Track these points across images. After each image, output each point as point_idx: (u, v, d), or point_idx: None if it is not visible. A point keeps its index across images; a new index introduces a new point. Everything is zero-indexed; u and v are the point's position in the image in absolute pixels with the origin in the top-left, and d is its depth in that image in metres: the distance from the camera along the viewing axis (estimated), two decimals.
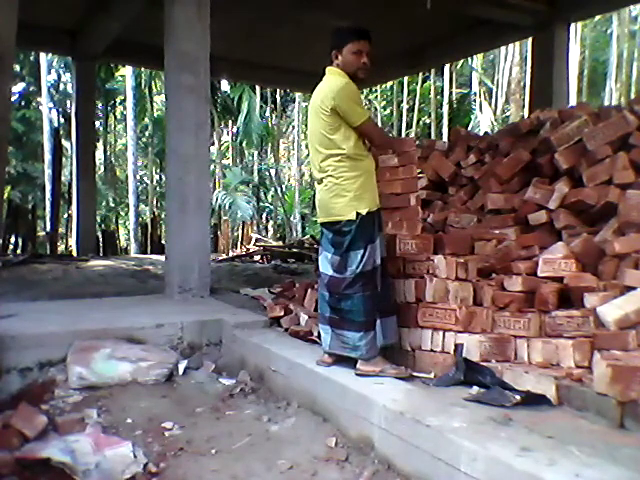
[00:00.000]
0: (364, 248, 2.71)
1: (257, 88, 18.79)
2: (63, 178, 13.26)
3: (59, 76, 17.78)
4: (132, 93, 16.12)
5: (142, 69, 16.27)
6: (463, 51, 10.20)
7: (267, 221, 22.58)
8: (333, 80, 2.80)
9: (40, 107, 16.63)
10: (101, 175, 19.89)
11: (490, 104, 18.23)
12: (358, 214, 2.72)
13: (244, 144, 20.64)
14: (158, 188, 21.13)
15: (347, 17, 8.16)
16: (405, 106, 19.36)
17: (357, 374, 2.67)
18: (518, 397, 2.24)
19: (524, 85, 14.43)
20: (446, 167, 4.61)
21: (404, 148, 3.26)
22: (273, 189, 21.58)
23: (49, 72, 16.22)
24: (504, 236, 3.52)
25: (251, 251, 10.81)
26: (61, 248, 16.41)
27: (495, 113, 18.04)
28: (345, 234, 2.74)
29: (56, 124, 16.44)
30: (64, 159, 14.33)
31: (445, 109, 18.25)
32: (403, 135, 18.73)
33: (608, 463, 1.72)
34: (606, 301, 2.58)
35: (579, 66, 17.29)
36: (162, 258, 6.15)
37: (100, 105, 18.82)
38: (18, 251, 15.18)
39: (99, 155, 19.47)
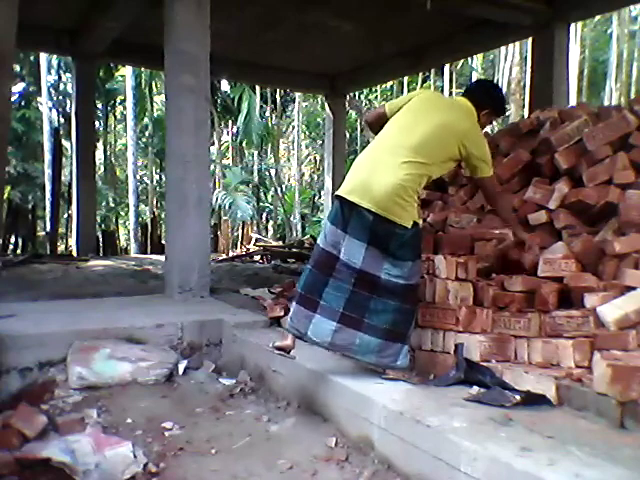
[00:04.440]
0: (413, 260, 2.65)
1: (257, 88, 18.78)
2: (63, 178, 13.25)
3: (59, 76, 17.75)
4: (132, 93, 16.11)
5: (142, 69, 16.26)
6: (463, 51, 10.20)
7: (267, 221, 22.57)
8: (476, 126, 2.86)
9: (40, 107, 16.62)
10: (101, 175, 19.88)
11: None
12: (415, 223, 2.65)
13: (244, 144, 20.64)
14: (158, 188, 21.12)
15: (347, 17, 8.22)
16: None
17: (384, 378, 2.62)
18: (518, 397, 2.24)
19: (524, 85, 14.44)
20: None
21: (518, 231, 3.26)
22: (273, 189, 21.58)
23: (49, 72, 16.20)
24: (504, 236, 3.52)
25: (251, 251, 10.81)
26: (61, 248, 16.40)
27: None
28: (393, 237, 2.60)
29: (56, 124, 16.42)
30: (64, 159, 14.31)
31: None
32: None
33: (608, 463, 1.71)
34: (606, 301, 2.57)
35: (579, 66, 17.29)
36: (162, 258, 6.14)
37: (100, 105, 18.79)
38: (18, 251, 15.18)
39: (99, 155, 19.44)
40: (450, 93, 18.66)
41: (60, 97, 17.70)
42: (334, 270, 2.67)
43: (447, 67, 17.66)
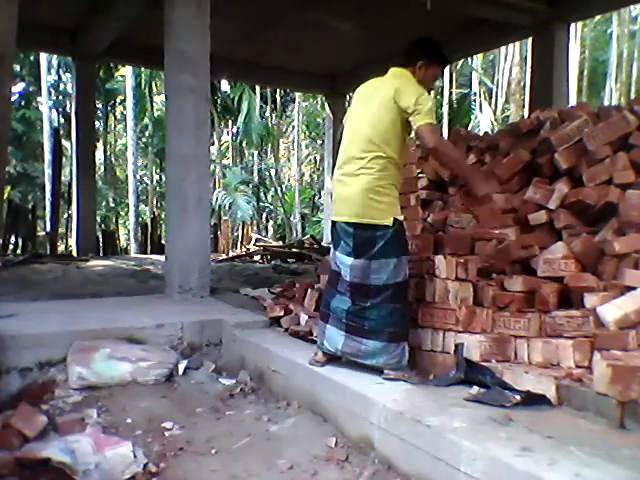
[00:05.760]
0: (397, 258, 2.65)
1: (257, 88, 18.79)
2: (63, 178, 13.25)
3: (59, 76, 17.76)
4: (132, 93, 16.11)
5: (142, 69, 16.27)
6: (463, 51, 10.21)
7: (267, 221, 22.57)
8: (412, 82, 2.72)
9: (40, 107, 16.62)
10: (101, 175, 19.88)
11: (490, 104, 18.23)
12: (396, 220, 2.66)
13: (244, 144, 20.64)
14: (158, 188, 21.13)
15: (347, 17, 8.22)
16: None
17: (385, 378, 2.63)
18: (518, 397, 2.24)
19: (524, 85, 14.43)
20: None
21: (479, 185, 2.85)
22: (273, 189, 21.58)
23: (49, 72, 16.20)
24: (504, 236, 3.52)
25: (251, 251, 10.81)
26: (61, 248, 16.40)
27: (495, 113, 18.05)
28: (377, 239, 2.63)
29: (56, 124, 16.42)
30: (64, 159, 14.32)
31: (445, 109, 18.25)
32: None
33: (608, 463, 1.71)
34: (606, 301, 2.58)
35: (579, 66, 17.28)
36: (162, 258, 6.15)
37: (100, 105, 18.80)
38: (18, 251, 15.17)
39: (99, 155, 19.44)
40: (450, 93, 18.69)
41: (60, 97, 17.70)
42: (338, 284, 2.83)
43: (447, 67, 17.64)
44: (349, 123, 2.89)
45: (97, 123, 17.80)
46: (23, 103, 16.44)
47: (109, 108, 20.67)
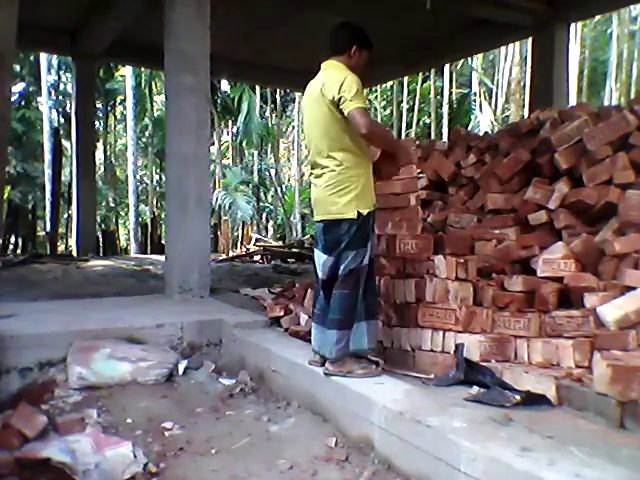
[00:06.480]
0: (357, 250, 2.64)
1: (257, 88, 18.80)
2: (63, 178, 13.25)
3: (59, 76, 17.77)
4: (132, 93, 16.12)
5: (142, 69, 16.27)
6: (463, 51, 10.21)
7: (267, 221, 22.57)
8: (337, 70, 2.70)
9: (40, 107, 16.62)
10: (101, 175, 19.87)
11: (490, 104, 18.22)
12: (360, 214, 2.64)
13: (244, 144, 20.64)
14: (158, 188, 21.12)
15: (347, 17, 8.21)
16: (405, 106, 19.37)
17: (325, 373, 2.64)
18: (518, 397, 2.24)
19: (524, 85, 14.43)
20: (446, 167, 4.61)
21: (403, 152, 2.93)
22: (273, 189, 21.58)
23: (49, 72, 16.19)
24: (504, 236, 3.52)
25: (251, 251, 10.82)
26: (61, 248, 16.40)
27: (495, 113, 18.04)
28: (343, 235, 2.65)
29: (56, 124, 16.42)
30: (64, 159, 14.31)
31: (445, 109, 18.26)
32: (403, 135, 18.74)
33: (608, 463, 1.71)
34: (606, 301, 2.58)
35: (579, 66, 17.27)
36: (162, 258, 6.15)
37: (100, 105, 18.81)
38: (18, 251, 15.18)
39: (99, 155, 19.44)
40: (450, 93, 18.69)
41: (60, 97, 17.71)
42: (319, 282, 2.84)
43: (447, 67, 17.65)
44: (305, 127, 2.94)
45: (97, 123, 17.80)
46: (23, 103, 16.44)
47: (109, 108, 20.68)
